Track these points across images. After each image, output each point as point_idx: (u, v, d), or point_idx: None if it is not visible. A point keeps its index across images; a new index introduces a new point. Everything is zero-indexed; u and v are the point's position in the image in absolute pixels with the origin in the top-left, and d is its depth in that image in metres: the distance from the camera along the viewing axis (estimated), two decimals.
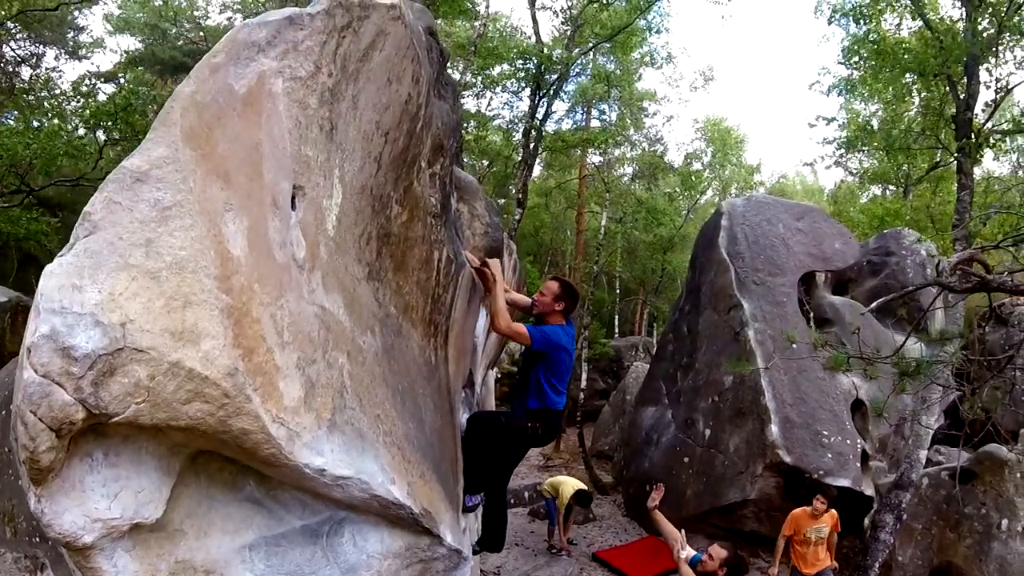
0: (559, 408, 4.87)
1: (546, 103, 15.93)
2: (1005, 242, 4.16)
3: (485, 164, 23.15)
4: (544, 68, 15.02)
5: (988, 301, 4.42)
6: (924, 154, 11.81)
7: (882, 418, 10.62)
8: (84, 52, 22.63)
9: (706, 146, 25.50)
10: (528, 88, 16.44)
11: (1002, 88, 9.89)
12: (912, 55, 10.19)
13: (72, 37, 22.73)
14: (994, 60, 9.83)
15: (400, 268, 3.89)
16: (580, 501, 10.77)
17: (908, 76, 11.20)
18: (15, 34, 19.83)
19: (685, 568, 5.09)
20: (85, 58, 23.14)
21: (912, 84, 12.17)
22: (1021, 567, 7.60)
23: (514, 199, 16.32)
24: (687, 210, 24.38)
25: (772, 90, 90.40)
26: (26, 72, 21.55)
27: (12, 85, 20.22)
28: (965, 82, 9.56)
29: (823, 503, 7.30)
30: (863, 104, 18.13)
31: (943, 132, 10.60)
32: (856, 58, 11.45)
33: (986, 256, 3.81)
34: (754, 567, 10.31)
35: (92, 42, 22.69)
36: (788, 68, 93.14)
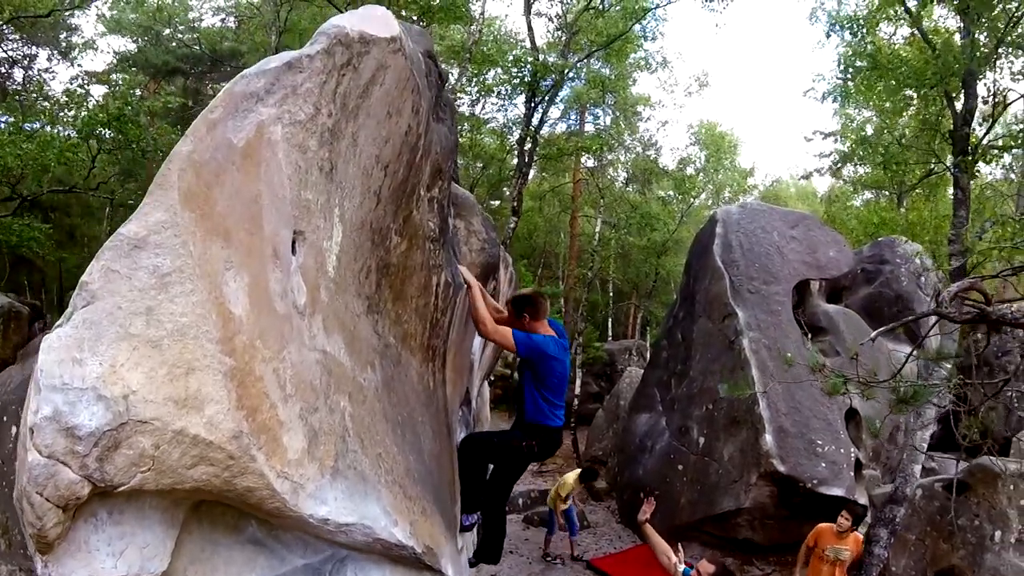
0: (556, 424, 4.71)
1: (541, 111, 15.92)
2: (1005, 272, 4.17)
3: (479, 167, 23.10)
4: (539, 76, 14.99)
5: (987, 332, 4.44)
6: (916, 154, 11.83)
7: (876, 425, 10.69)
8: (76, 53, 22.43)
9: (700, 150, 25.55)
10: (523, 95, 16.41)
11: (999, 103, 9.90)
12: (909, 68, 10.20)
13: (65, 38, 22.53)
14: (991, 74, 9.85)
15: (399, 297, 3.87)
16: (587, 478, 11.07)
17: (906, 90, 11.22)
18: (7, 35, 19.66)
19: None
20: (78, 65, 22.96)
21: (909, 100, 12.21)
22: None
23: (508, 202, 16.31)
24: (681, 214, 24.41)
25: (766, 94, 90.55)
26: (18, 74, 21.40)
27: (4, 88, 20.06)
28: (963, 97, 9.57)
29: (848, 519, 7.13)
30: (857, 110, 18.18)
31: (937, 143, 10.63)
32: (852, 69, 11.47)
33: (985, 284, 3.82)
34: (747, 575, 10.37)
35: (84, 43, 22.45)
36: (782, 72, 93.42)
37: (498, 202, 28.37)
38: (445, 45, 19.16)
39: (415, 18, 13.47)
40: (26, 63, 21.68)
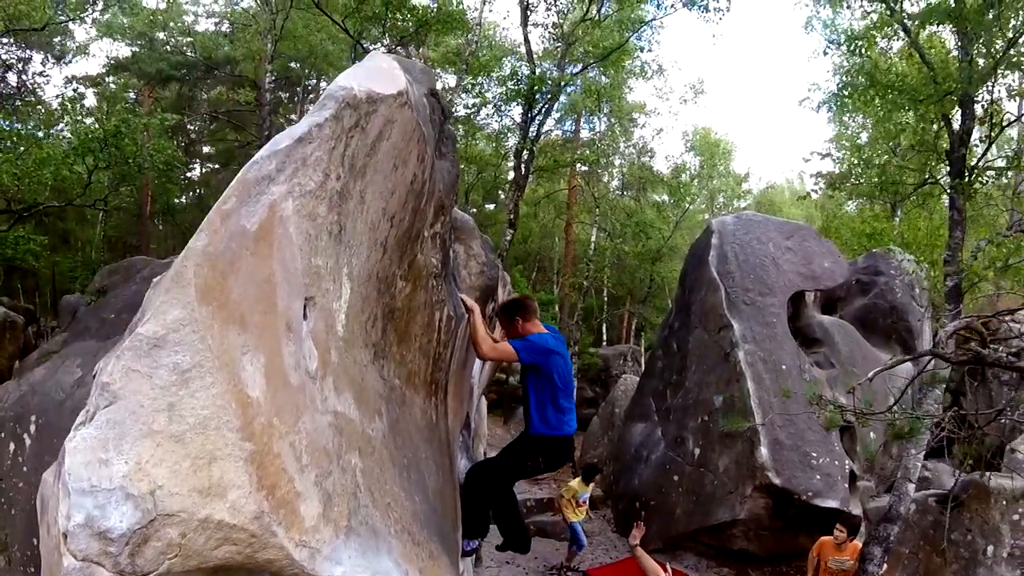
0: (567, 433, 4.66)
1: (538, 122, 15.96)
2: (1001, 313, 4.25)
3: (475, 171, 23.12)
4: (536, 89, 15.03)
5: (981, 370, 4.52)
6: (913, 175, 11.93)
7: (870, 437, 10.79)
8: (70, 58, 22.35)
9: (694, 156, 25.64)
10: (519, 105, 16.45)
11: (997, 124, 9.93)
12: (906, 85, 10.24)
13: (59, 42, 22.43)
14: (988, 95, 9.87)
15: (404, 339, 3.92)
16: (589, 476, 11.25)
17: (903, 109, 11.30)
18: (1, 40, 19.55)
19: None
20: (70, 71, 22.86)
21: (905, 124, 12.27)
22: None
23: (504, 206, 16.34)
24: (675, 221, 24.48)
25: (760, 100, 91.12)
26: (12, 78, 21.28)
27: None
28: (959, 118, 9.63)
29: (843, 531, 7.41)
30: (851, 118, 18.30)
31: (933, 163, 10.71)
32: (849, 88, 11.53)
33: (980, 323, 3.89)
34: None
35: (78, 47, 22.39)
36: (777, 79, 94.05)
37: (493, 206, 28.42)
38: (441, 52, 19.18)
39: (412, 29, 13.46)
40: (20, 67, 21.61)
